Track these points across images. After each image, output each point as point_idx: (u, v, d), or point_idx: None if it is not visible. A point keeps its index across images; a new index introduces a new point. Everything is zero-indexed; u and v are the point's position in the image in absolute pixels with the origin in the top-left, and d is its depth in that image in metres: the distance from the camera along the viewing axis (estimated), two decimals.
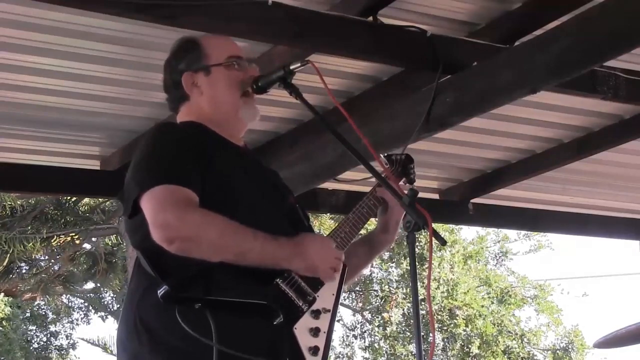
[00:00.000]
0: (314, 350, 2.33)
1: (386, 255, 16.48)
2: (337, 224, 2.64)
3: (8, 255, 12.00)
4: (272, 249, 2.32)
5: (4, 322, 15.31)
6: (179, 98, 2.59)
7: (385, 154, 2.83)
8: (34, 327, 16.88)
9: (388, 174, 2.64)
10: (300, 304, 2.34)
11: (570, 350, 16.29)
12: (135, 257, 2.41)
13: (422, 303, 10.86)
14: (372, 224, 2.79)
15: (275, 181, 2.65)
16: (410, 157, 2.85)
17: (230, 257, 2.26)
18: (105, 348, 15.60)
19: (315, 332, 2.35)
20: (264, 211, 2.45)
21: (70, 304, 17.11)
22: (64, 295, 16.24)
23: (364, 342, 16.93)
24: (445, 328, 15.43)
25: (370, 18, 3.77)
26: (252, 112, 2.60)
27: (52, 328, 17.12)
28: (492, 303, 15.98)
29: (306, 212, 2.63)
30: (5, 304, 15.20)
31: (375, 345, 16.59)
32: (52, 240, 12.48)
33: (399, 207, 2.67)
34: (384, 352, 16.36)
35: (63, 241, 12.72)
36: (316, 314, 2.37)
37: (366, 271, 16.68)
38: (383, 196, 2.70)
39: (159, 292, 2.19)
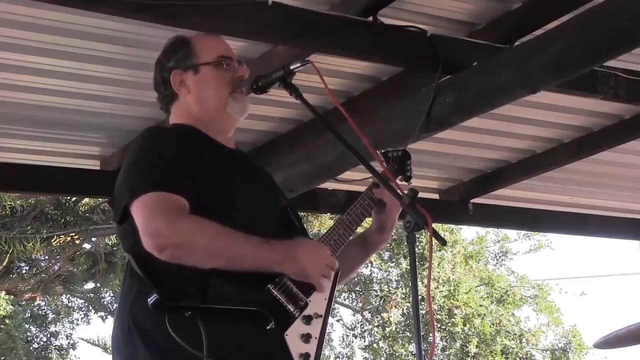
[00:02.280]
0: (305, 356, 2.32)
1: (386, 255, 16.48)
2: (331, 226, 2.63)
3: (8, 255, 11.98)
4: (264, 254, 2.30)
5: (6, 320, 15.28)
6: (167, 97, 2.58)
7: (382, 151, 2.81)
8: (34, 327, 16.86)
9: (385, 172, 2.62)
10: (292, 310, 2.32)
11: (568, 350, 16.29)
12: (127, 259, 2.41)
13: (422, 303, 10.86)
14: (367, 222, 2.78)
15: (268, 182, 2.64)
16: (407, 153, 2.83)
17: (222, 263, 2.25)
18: (105, 348, 15.60)
19: (306, 338, 2.34)
20: (259, 213, 2.45)
21: (70, 304, 17.09)
22: (64, 295, 16.22)
23: (364, 341, 16.94)
24: (443, 327, 15.44)
25: (370, 18, 3.77)
26: (240, 106, 2.57)
27: (52, 328, 17.10)
28: (492, 303, 15.98)
29: (298, 214, 2.62)
30: (7, 303, 15.18)
31: (375, 345, 16.60)
32: (52, 240, 12.46)
33: (396, 208, 2.67)
34: (383, 352, 16.37)
35: (63, 241, 12.70)
36: (308, 319, 2.36)
37: (366, 271, 16.70)
38: (381, 197, 2.68)
39: (149, 300, 2.18)
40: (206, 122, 2.53)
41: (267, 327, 2.25)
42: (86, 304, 17.03)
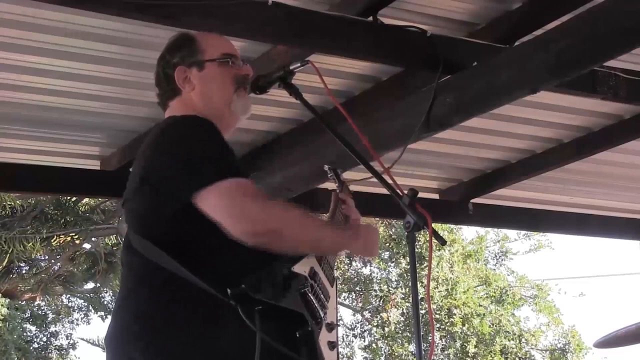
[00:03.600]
0: None
1: (386, 255, 16.49)
2: None
3: (8, 255, 11.99)
4: (339, 235, 2.35)
5: (0, 324, 15.30)
6: (169, 92, 2.54)
7: (330, 167, 2.86)
8: (34, 328, 16.87)
9: (386, 172, 2.62)
10: (322, 316, 2.32)
11: (567, 351, 16.30)
12: (128, 245, 2.35)
13: (422, 303, 10.86)
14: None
15: None
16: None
17: (307, 248, 2.28)
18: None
19: (332, 346, 2.34)
20: None
21: (70, 304, 17.11)
22: (64, 295, 16.23)
23: (364, 341, 16.95)
24: (442, 327, 15.45)
25: (370, 18, 3.77)
26: (244, 105, 2.56)
27: (52, 328, 17.12)
28: (492, 303, 15.99)
29: None
30: (2, 305, 15.18)
31: (374, 345, 16.61)
32: (52, 240, 12.46)
33: (356, 216, 2.73)
34: (382, 351, 16.38)
35: (63, 241, 12.71)
36: (330, 327, 2.36)
37: (366, 271, 16.71)
38: (348, 214, 2.72)
39: (231, 290, 2.12)
40: (211, 118, 2.47)
41: (304, 331, 2.22)
42: (86, 304, 17.04)
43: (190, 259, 2.20)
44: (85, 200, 12.10)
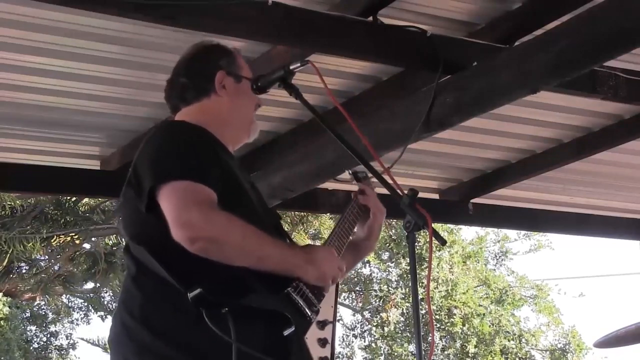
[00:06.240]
0: None
1: (385, 255, 16.50)
2: (328, 235, 2.65)
3: (8, 255, 11.97)
4: (290, 256, 2.31)
5: (2, 322, 15.30)
6: (200, 90, 2.56)
7: (352, 171, 2.85)
8: (34, 327, 16.87)
9: (386, 172, 2.62)
10: (309, 314, 2.34)
11: (567, 351, 16.31)
12: (130, 254, 2.37)
13: (422, 303, 10.87)
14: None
15: (258, 190, 2.64)
16: (367, 175, 2.87)
17: (249, 262, 2.23)
18: (105, 348, 15.58)
19: (323, 342, 2.36)
20: (263, 217, 2.45)
21: (70, 304, 17.10)
22: (64, 295, 16.22)
23: (364, 341, 16.95)
24: (442, 327, 15.46)
25: (370, 18, 3.77)
26: (257, 129, 2.70)
27: (52, 328, 17.12)
28: (492, 303, 15.99)
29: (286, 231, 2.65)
30: (4, 304, 15.19)
31: (374, 345, 16.61)
32: (52, 240, 12.44)
33: (381, 213, 2.73)
34: (382, 352, 16.38)
35: (63, 241, 12.69)
36: (322, 324, 2.38)
37: (366, 271, 16.71)
38: (366, 204, 2.72)
39: (190, 294, 2.13)
40: (229, 128, 2.55)
41: (289, 331, 2.23)
42: (86, 304, 17.04)
43: (169, 261, 2.23)
44: (85, 200, 12.08)
